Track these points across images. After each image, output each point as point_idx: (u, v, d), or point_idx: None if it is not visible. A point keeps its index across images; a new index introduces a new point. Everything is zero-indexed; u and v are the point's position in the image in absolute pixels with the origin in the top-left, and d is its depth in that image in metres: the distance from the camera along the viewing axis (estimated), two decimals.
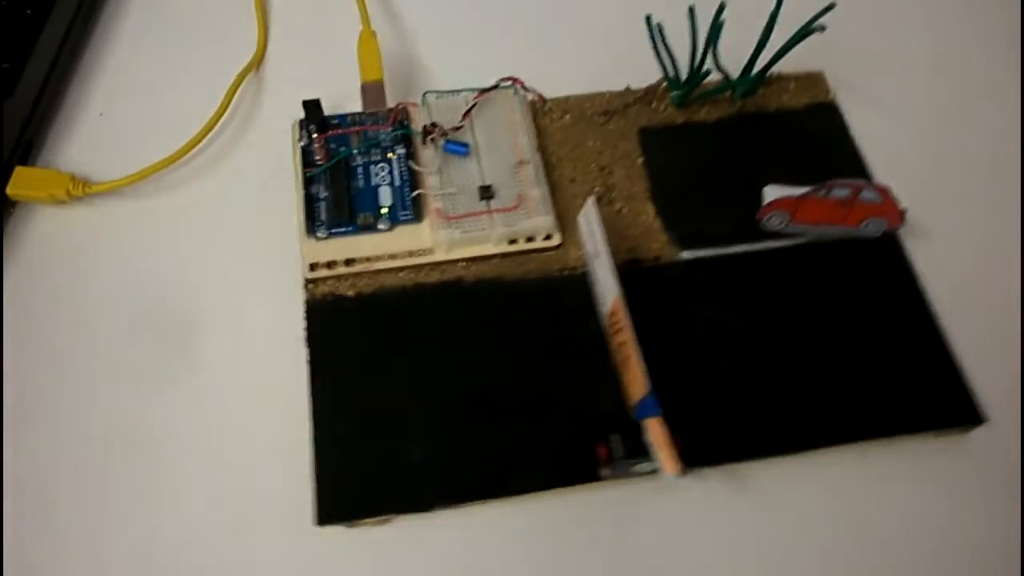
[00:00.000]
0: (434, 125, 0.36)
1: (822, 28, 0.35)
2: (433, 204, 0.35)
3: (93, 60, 0.42)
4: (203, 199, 0.38)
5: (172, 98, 0.40)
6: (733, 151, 0.39)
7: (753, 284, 0.35)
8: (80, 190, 0.36)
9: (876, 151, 0.39)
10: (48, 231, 0.37)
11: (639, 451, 0.29)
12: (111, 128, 0.40)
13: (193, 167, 0.38)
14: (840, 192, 0.35)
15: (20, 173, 0.36)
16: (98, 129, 0.39)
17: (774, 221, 0.36)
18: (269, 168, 0.38)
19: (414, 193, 0.36)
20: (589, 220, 0.33)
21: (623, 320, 0.30)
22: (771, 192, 0.36)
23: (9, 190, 0.36)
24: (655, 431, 0.28)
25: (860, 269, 0.36)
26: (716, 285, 0.35)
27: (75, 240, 0.36)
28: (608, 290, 0.31)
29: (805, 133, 0.40)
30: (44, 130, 0.39)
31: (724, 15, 0.36)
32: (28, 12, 0.39)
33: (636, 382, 0.29)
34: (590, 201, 0.33)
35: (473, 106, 0.37)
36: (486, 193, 0.35)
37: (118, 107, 0.40)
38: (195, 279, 0.35)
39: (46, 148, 0.39)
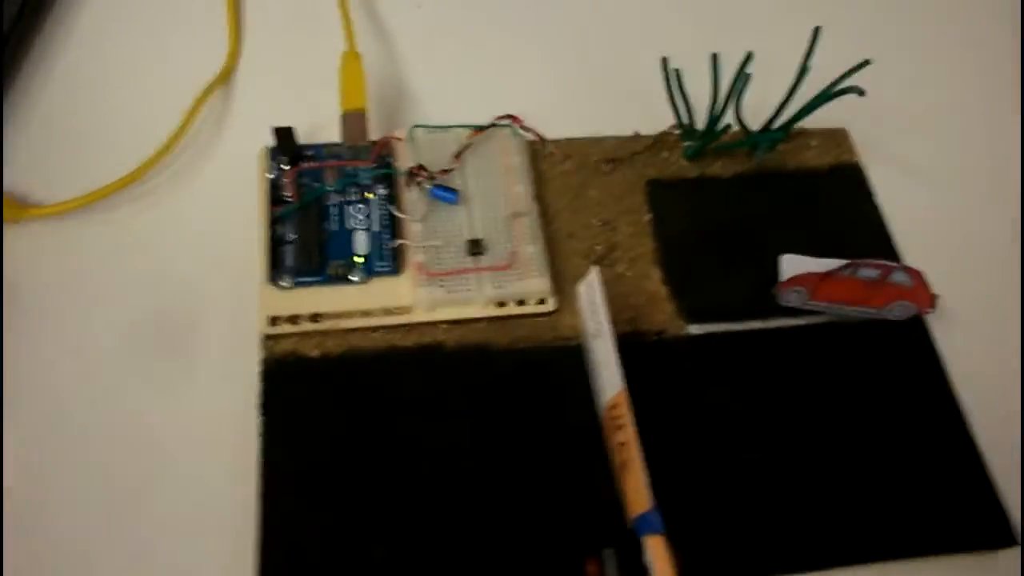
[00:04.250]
0: (421, 167, 0.32)
1: (860, 92, 0.32)
2: (415, 257, 0.31)
3: (41, 58, 0.37)
4: (154, 230, 0.33)
5: (127, 110, 0.36)
6: (749, 211, 0.35)
7: (767, 367, 0.32)
8: (13, 214, 0.32)
9: (902, 219, 0.36)
10: None
11: (636, 570, 0.25)
12: (56, 141, 0.35)
13: (145, 192, 0.34)
14: (868, 272, 0.32)
15: None
16: (41, 141, 0.35)
17: (791, 297, 0.32)
18: (231, 199, 0.33)
19: (394, 243, 0.32)
20: (592, 293, 0.29)
21: (626, 418, 0.26)
22: (789, 263, 0.33)
23: None
24: (656, 552, 0.25)
25: (883, 354, 0.32)
26: (726, 367, 0.32)
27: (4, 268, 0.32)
28: (610, 379, 0.27)
29: (827, 196, 0.36)
30: None
31: (751, 65, 0.32)
32: None
33: (637, 493, 0.26)
34: (594, 273, 0.29)
35: (467, 146, 0.33)
36: (475, 248, 0.31)
37: (65, 116, 0.36)
38: (140, 321, 0.31)
39: None
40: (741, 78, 0.32)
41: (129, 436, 0.29)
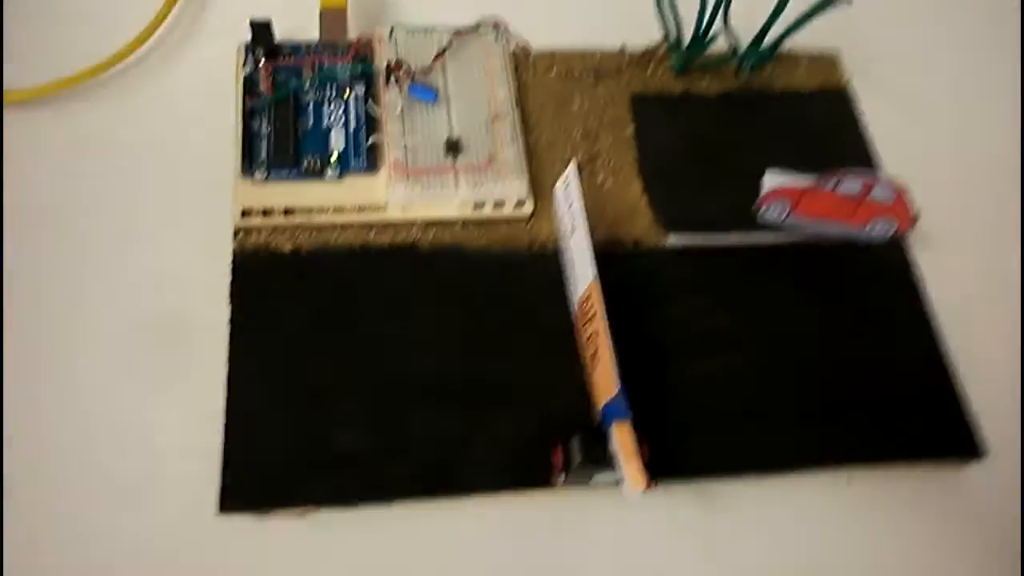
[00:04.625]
0: (400, 64, 0.32)
1: (848, 1, 0.31)
2: (392, 154, 0.31)
3: None
4: (128, 119, 0.32)
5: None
6: (733, 129, 0.35)
7: (743, 281, 0.31)
8: None
9: (888, 146, 0.35)
10: None
11: (601, 459, 0.25)
12: (25, 26, 0.34)
13: (120, 81, 0.33)
14: (850, 186, 0.31)
15: None
16: (12, 29, 0.34)
17: (772, 212, 0.32)
18: (208, 94, 0.33)
19: (370, 139, 0.31)
20: (568, 190, 0.29)
21: (597, 309, 0.26)
22: (772, 179, 0.32)
23: None
24: (622, 438, 0.24)
25: (862, 276, 0.32)
26: (702, 278, 0.31)
27: None
28: (582, 272, 0.27)
29: (813, 118, 0.36)
30: None
31: None
32: None
33: (605, 381, 0.25)
34: (571, 168, 0.29)
35: (448, 47, 0.33)
36: (453, 147, 0.31)
37: (37, 3, 0.35)
38: (112, 211, 0.30)
39: None
40: None
41: (117, 308, 0.28)
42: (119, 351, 0.28)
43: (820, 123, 0.36)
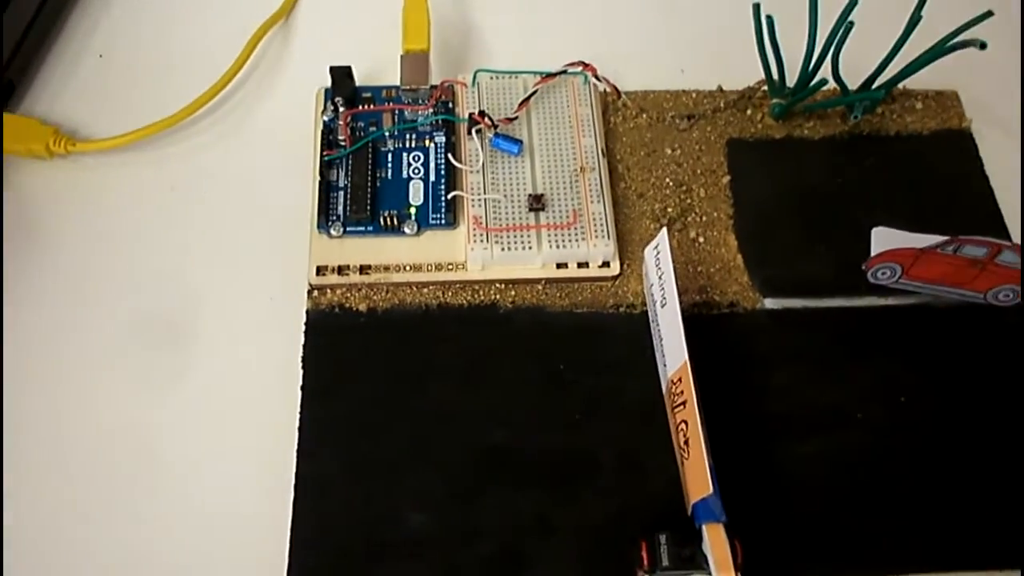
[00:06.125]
0: (483, 114, 0.30)
1: (982, 45, 0.28)
2: (472, 210, 0.29)
3: None
4: (204, 172, 0.32)
5: (183, 45, 0.35)
6: (840, 178, 0.32)
7: (848, 349, 0.29)
8: (62, 147, 0.31)
9: (1014, 193, 0.32)
10: (23, 188, 0.31)
11: (690, 560, 0.23)
12: (109, 74, 0.34)
13: (196, 132, 0.33)
14: (973, 251, 0.28)
15: None
16: (95, 75, 0.34)
17: (883, 273, 0.29)
18: (286, 143, 0.32)
19: (451, 194, 0.30)
20: (659, 257, 0.26)
21: (687, 397, 0.24)
22: (881, 237, 0.30)
23: None
24: (715, 543, 0.22)
25: (984, 344, 0.29)
26: (802, 346, 0.29)
27: (51, 202, 0.31)
28: (674, 352, 0.25)
29: (930, 164, 0.33)
30: (31, 71, 0.33)
31: (854, 12, 0.29)
32: None
33: (697, 476, 0.23)
34: (662, 234, 0.27)
35: (534, 93, 0.31)
36: (536, 203, 0.29)
37: (120, 50, 0.34)
38: (185, 267, 0.30)
39: (32, 92, 0.33)
40: (842, 27, 0.29)
41: (191, 366, 0.28)
42: (188, 409, 0.27)
43: (938, 169, 0.33)
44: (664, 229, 0.27)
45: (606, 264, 0.29)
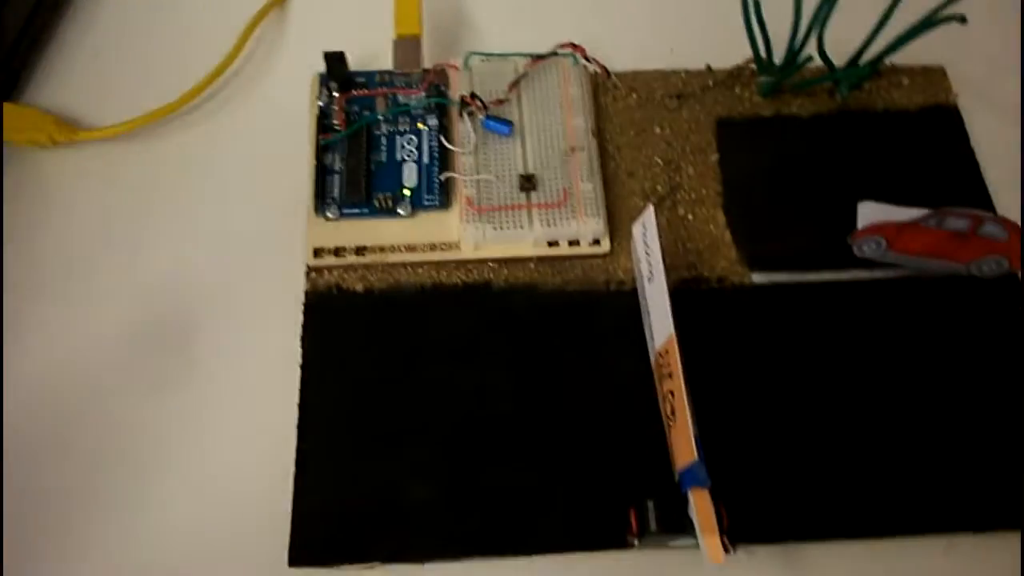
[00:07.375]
0: (474, 96, 0.31)
1: (962, 19, 0.28)
2: (464, 191, 0.30)
3: None
4: (204, 156, 0.32)
5: (180, 35, 0.35)
6: (827, 154, 0.33)
7: (834, 322, 0.29)
8: (64, 135, 0.32)
9: (1000, 168, 0.32)
10: (24, 177, 0.32)
11: (677, 524, 0.24)
12: (108, 64, 0.34)
13: (195, 118, 0.33)
14: (956, 223, 0.29)
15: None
16: (94, 65, 0.34)
17: (868, 247, 0.30)
18: (283, 128, 0.32)
19: (443, 176, 0.30)
20: (646, 233, 0.27)
21: (674, 368, 0.25)
22: (868, 210, 0.30)
23: None
24: (700, 507, 0.23)
25: (968, 315, 0.30)
26: (789, 320, 0.29)
27: (53, 190, 0.32)
28: (661, 325, 0.26)
29: (916, 140, 0.33)
30: (32, 61, 0.34)
31: None
32: None
33: (683, 444, 0.24)
34: (648, 211, 0.27)
35: (524, 75, 0.32)
36: (527, 183, 0.30)
37: (118, 39, 0.35)
38: (186, 250, 0.31)
39: (33, 82, 0.34)
40: (826, 3, 0.29)
41: (192, 352, 0.29)
42: (191, 392, 0.28)
43: (924, 144, 0.33)
44: (651, 206, 0.27)
45: (596, 242, 0.30)
